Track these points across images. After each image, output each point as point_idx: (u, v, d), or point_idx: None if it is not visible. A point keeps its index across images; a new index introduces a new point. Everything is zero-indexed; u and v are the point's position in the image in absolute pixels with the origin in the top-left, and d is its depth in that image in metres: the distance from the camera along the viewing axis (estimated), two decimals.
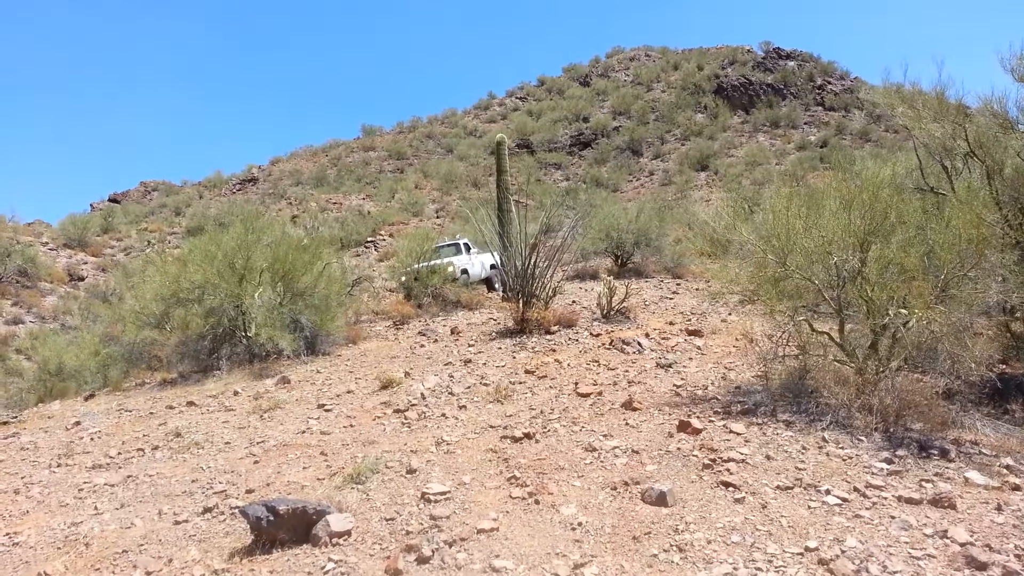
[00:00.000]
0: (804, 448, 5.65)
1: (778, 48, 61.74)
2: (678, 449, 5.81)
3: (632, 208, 21.94)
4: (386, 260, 25.44)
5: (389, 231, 33.54)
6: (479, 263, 19.82)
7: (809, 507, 4.64)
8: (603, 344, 10.17)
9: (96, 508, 5.95)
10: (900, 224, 6.94)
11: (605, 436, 6.32)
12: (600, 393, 7.78)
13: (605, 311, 12.19)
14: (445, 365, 10.06)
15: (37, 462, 7.76)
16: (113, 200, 54.12)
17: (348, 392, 9.14)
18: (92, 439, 8.48)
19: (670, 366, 8.73)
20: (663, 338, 10.23)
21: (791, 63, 58.96)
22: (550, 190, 38.55)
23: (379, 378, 9.35)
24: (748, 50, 63.42)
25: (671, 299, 14.62)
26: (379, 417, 7.84)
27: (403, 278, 17.76)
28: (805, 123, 50.40)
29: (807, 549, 4.06)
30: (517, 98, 66.50)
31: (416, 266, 17.67)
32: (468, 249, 20.13)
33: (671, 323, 11.49)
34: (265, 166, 58.55)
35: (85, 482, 6.75)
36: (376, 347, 12.34)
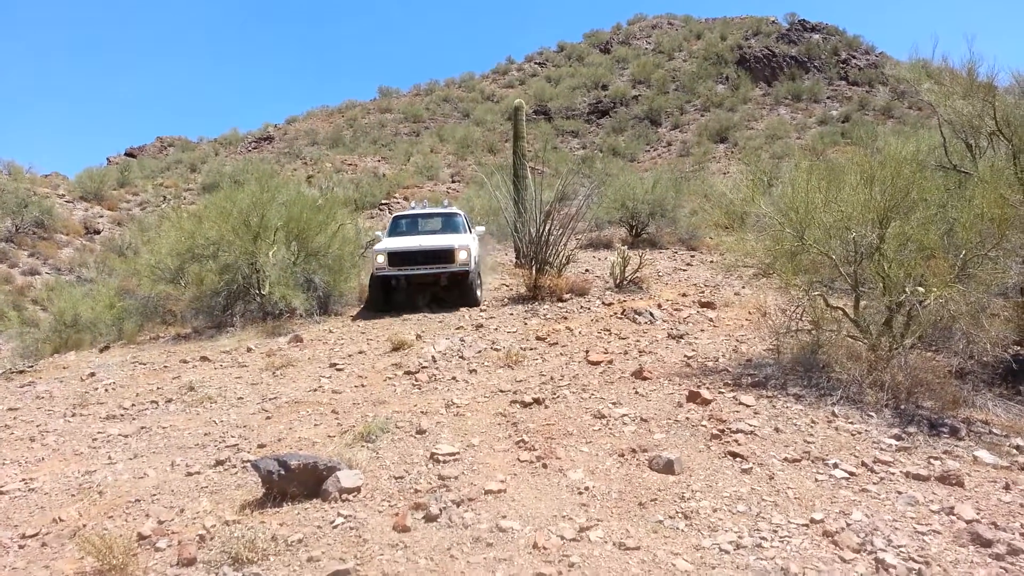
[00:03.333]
0: (813, 422, 5.65)
1: (803, 20, 60.52)
2: (687, 419, 5.83)
3: (648, 178, 21.78)
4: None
5: (404, 194, 33.46)
6: (478, 245, 13.59)
7: (816, 480, 4.65)
8: (615, 313, 10.17)
9: (110, 458, 6.04)
10: (921, 201, 6.86)
11: (614, 404, 6.34)
12: (611, 361, 7.80)
13: (618, 280, 12.18)
14: (456, 329, 10.09)
15: (52, 411, 7.87)
16: (129, 155, 54.09)
17: (360, 352, 9.20)
18: (106, 390, 8.59)
19: (682, 337, 8.72)
20: (675, 309, 10.22)
21: (816, 36, 57.81)
22: (566, 158, 38.29)
23: (390, 340, 9.40)
24: (773, 21, 62.17)
25: (685, 271, 14.59)
26: (390, 378, 7.89)
27: (379, 260, 11.93)
28: (828, 97, 49.51)
29: (812, 521, 4.08)
30: (536, 63, 65.59)
31: (386, 244, 12.29)
32: (466, 225, 13.84)
33: (684, 294, 11.47)
34: (281, 125, 58.24)
35: (99, 432, 6.84)
36: None
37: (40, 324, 14.84)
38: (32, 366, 11.21)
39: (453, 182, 38.25)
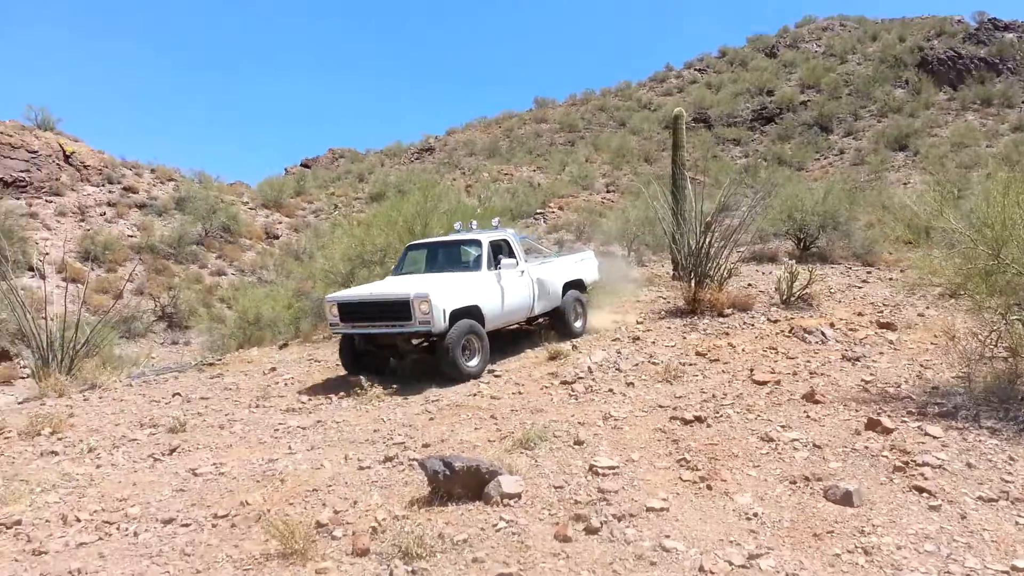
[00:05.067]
0: (1012, 459, 5.12)
1: (994, 19, 55.19)
2: (866, 448, 5.46)
3: (818, 188, 20.63)
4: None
5: (559, 203, 33.77)
6: (527, 285, 9.90)
7: (1017, 523, 4.21)
8: (782, 331, 9.70)
9: (290, 448, 6.49)
10: None
11: (783, 427, 6.04)
12: (778, 382, 7.44)
13: (785, 296, 11.60)
14: (612, 341, 10.01)
15: (239, 402, 8.57)
16: (304, 165, 58.23)
17: (516, 359, 9.34)
18: (286, 384, 9.25)
19: (858, 359, 8.16)
20: (850, 329, 9.60)
21: (1009, 35, 52.66)
22: (727, 167, 37.05)
23: (547, 348, 9.48)
24: (959, 20, 57.24)
25: (860, 288, 13.65)
26: (546, 387, 7.96)
27: (332, 313, 9.04)
28: (1023, 102, 45.05)
29: (1014, 568, 3.70)
30: (696, 70, 64.14)
31: (346, 291, 9.78)
32: (503, 251, 9.91)
33: (860, 314, 10.73)
34: (441, 136, 60.57)
35: (280, 423, 7.38)
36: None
37: (226, 321, 16.23)
38: (220, 359, 12.25)
39: (608, 191, 38.17)
